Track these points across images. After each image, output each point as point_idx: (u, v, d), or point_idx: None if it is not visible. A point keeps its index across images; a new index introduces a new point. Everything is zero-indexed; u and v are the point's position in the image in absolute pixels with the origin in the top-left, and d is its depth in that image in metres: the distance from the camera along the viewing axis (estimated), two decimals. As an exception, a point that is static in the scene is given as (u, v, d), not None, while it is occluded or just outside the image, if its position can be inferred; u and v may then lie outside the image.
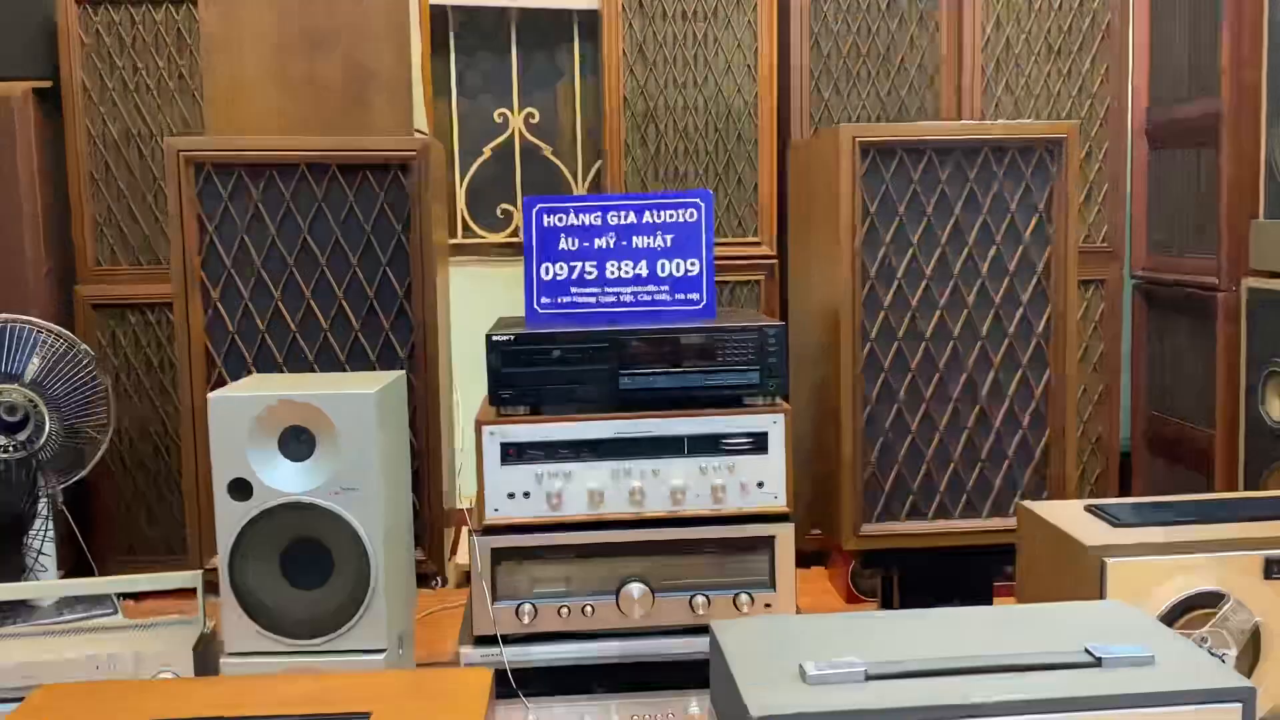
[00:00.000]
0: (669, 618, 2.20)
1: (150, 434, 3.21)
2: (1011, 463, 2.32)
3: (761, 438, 2.18)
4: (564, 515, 2.19)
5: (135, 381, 3.19)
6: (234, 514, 1.85)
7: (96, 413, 2.87)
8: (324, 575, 1.89)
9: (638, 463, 2.19)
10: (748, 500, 2.20)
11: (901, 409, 2.31)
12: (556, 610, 2.19)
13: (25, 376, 2.81)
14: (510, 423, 2.16)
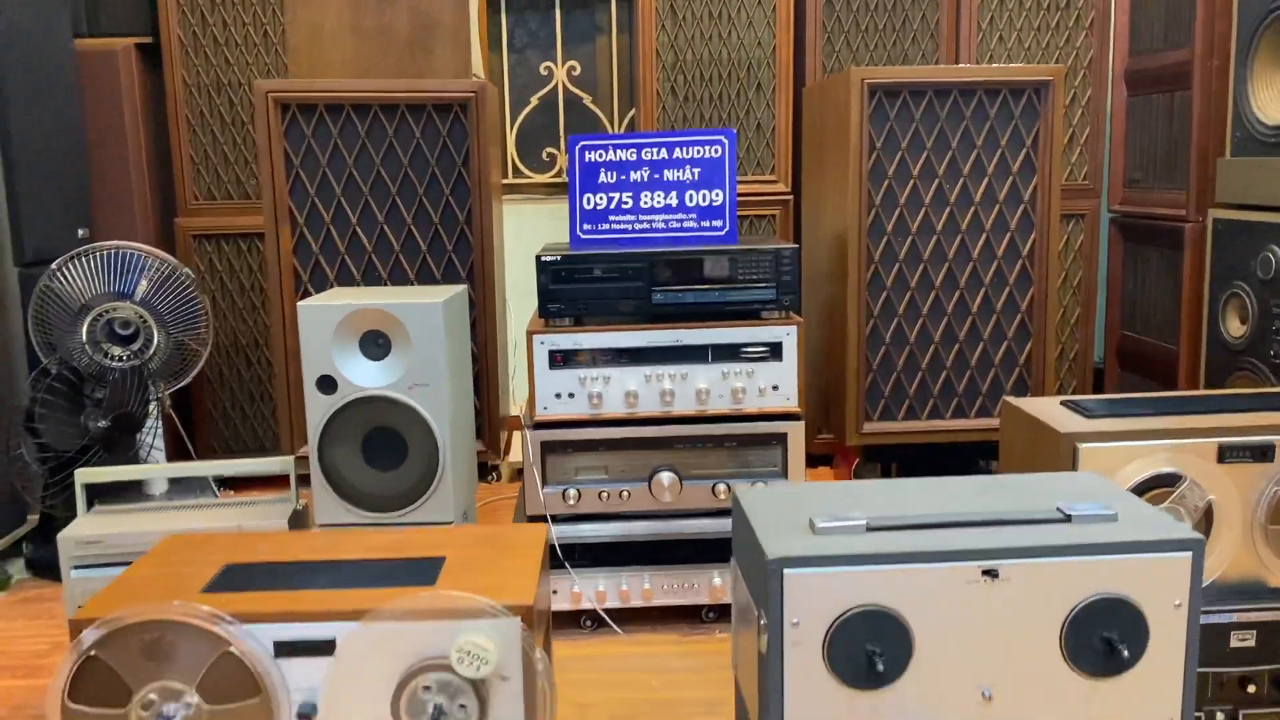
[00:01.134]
0: (694, 502, 2.25)
1: (243, 348, 3.27)
2: (998, 370, 2.34)
3: (777, 347, 2.21)
4: (603, 413, 2.23)
5: (229, 303, 3.24)
6: (321, 406, 1.90)
7: (197, 328, 2.93)
8: (399, 459, 1.94)
9: (667, 368, 2.22)
10: (764, 401, 2.23)
11: (901, 323, 2.32)
12: (597, 494, 2.24)
13: (135, 295, 2.87)
14: (557, 332, 2.20)
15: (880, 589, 1.06)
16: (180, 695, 1.04)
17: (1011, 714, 1.08)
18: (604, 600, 2.25)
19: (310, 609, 1.06)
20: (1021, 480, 1.28)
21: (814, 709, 1.07)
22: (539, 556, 1.18)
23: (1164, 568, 1.07)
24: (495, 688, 1.06)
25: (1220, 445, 1.59)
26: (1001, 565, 1.07)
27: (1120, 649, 1.06)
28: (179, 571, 1.16)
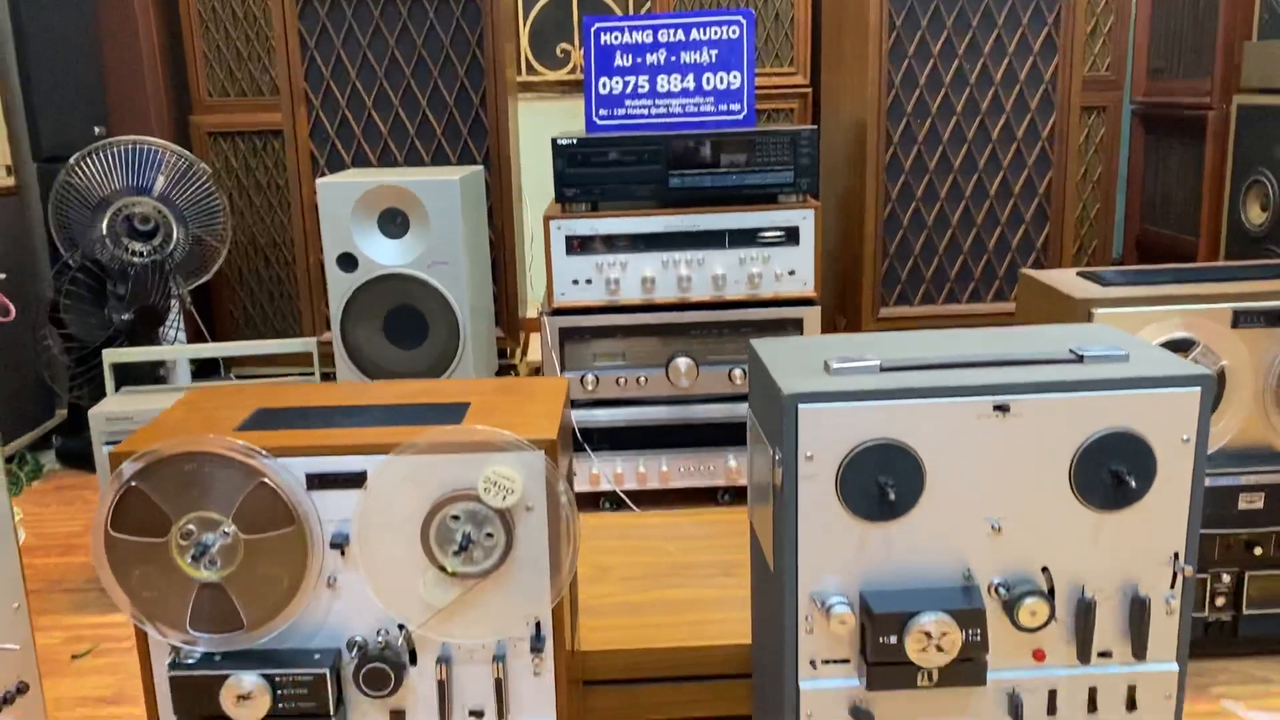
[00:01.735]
0: (711, 387, 2.28)
1: (261, 248, 3.30)
2: (1014, 254, 2.34)
3: (794, 231, 2.22)
4: (621, 300, 2.25)
5: (246, 201, 3.26)
6: (343, 284, 1.93)
7: (216, 224, 2.96)
8: (420, 337, 1.98)
9: (685, 253, 2.24)
10: (780, 286, 2.25)
11: (918, 206, 2.33)
12: (615, 380, 2.28)
13: (153, 191, 2.89)
14: (574, 218, 2.21)
15: (893, 423, 1.09)
16: (217, 525, 1.09)
17: (1020, 546, 1.12)
18: (622, 482, 2.31)
19: (341, 443, 1.10)
20: (1035, 330, 1.30)
21: (827, 542, 1.11)
22: (560, 402, 1.21)
23: (1173, 402, 1.09)
24: (521, 518, 1.11)
25: (1235, 311, 1.61)
26: (1013, 400, 1.09)
27: (1128, 481, 1.09)
28: (212, 415, 1.20)
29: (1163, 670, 1.15)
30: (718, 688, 1.51)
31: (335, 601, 1.12)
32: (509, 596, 1.12)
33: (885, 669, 1.11)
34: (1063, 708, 1.15)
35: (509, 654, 1.14)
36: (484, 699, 1.14)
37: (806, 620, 1.13)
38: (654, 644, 1.52)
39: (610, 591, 1.68)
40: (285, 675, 1.10)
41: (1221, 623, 1.71)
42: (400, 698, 1.14)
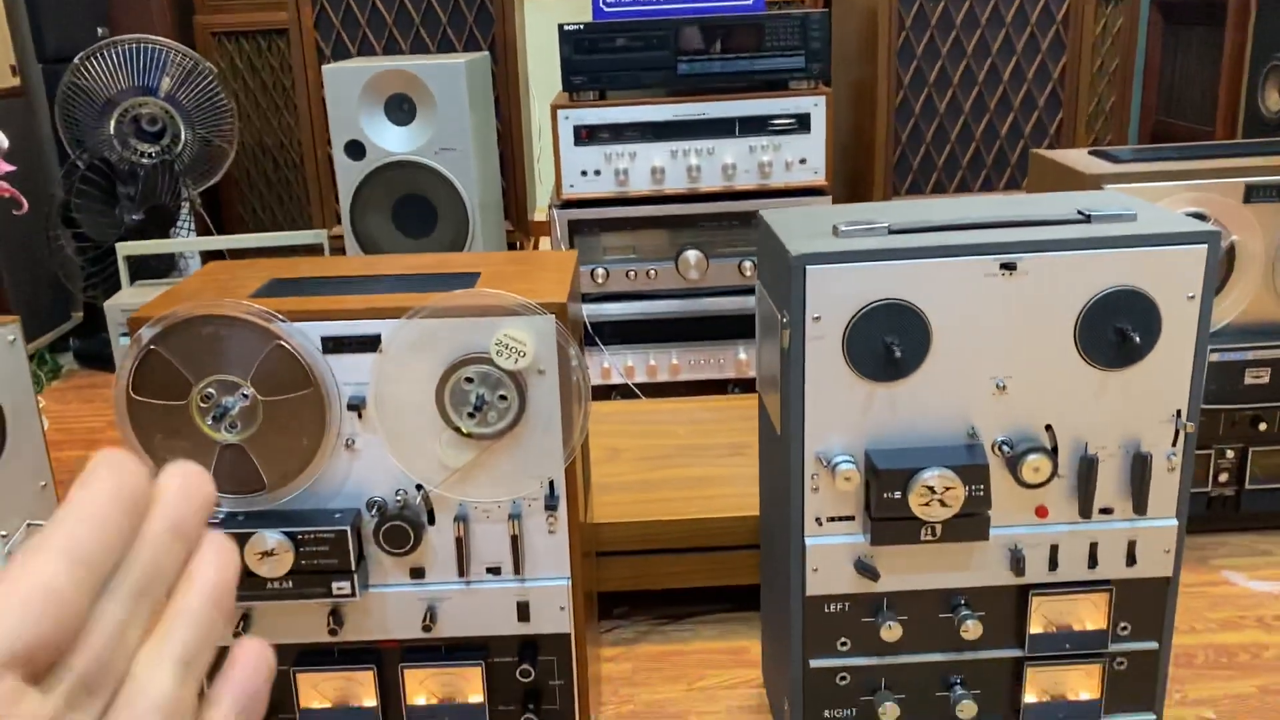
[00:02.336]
0: (721, 280, 2.29)
1: (269, 150, 3.29)
2: (1027, 141, 2.32)
3: (805, 118, 2.20)
4: (630, 191, 2.25)
5: (253, 102, 3.24)
6: (351, 173, 1.94)
7: (223, 125, 2.95)
8: (429, 226, 1.99)
9: (694, 143, 2.22)
10: (791, 176, 2.24)
11: (931, 93, 2.30)
12: (625, 273, 2.28)
13: (159, 92, 2.87)
14: (582, 106, 2.19)
15: (900, 283, 1.10)
16: (236, 388, 1.11)
17: (1024, 404, 1.14)
18: (633, 375, 2.33)
19: (355, 307, 1.12)
20: (1044, 195, 1.30)
21: (834, 402, 1.13)
22: (570, 271, 1.23)
23: (1179, 259, 1.10)
24: (533, 380, 1.13)
25: (1247, 185, 1.60)
26: (1019, 259, 1.10)
27: (1133, 338, 1.10)
28: (227, 284, 1.22)
29: (1163, 525, 1.18)
30: (726, 558, 1.55)
31: (354, 463, 1.15)
32: (523, 457, 1.15)
33: (889, 524, 1.14)
34: (1063, 562, 1.18)
35: (524, 513, 1.17)
36: (501, 556, 1.18)
37: (813, 479, 1.16)
38: (664, 516, 1.55)
39: (622, 470, 1.71)
40: (307, 533, 1.13)
41: (1224, 498, 1.74)
42: (419, 555, 1.18)
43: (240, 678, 0.33)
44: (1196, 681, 1.43)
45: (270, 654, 0.35)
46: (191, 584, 0.33)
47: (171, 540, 0.32)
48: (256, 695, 0.33)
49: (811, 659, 1.21)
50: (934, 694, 1.23)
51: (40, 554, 0.29)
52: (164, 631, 0.31)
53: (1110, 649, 1.21)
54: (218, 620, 0.33)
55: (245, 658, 0.34)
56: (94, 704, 0.29)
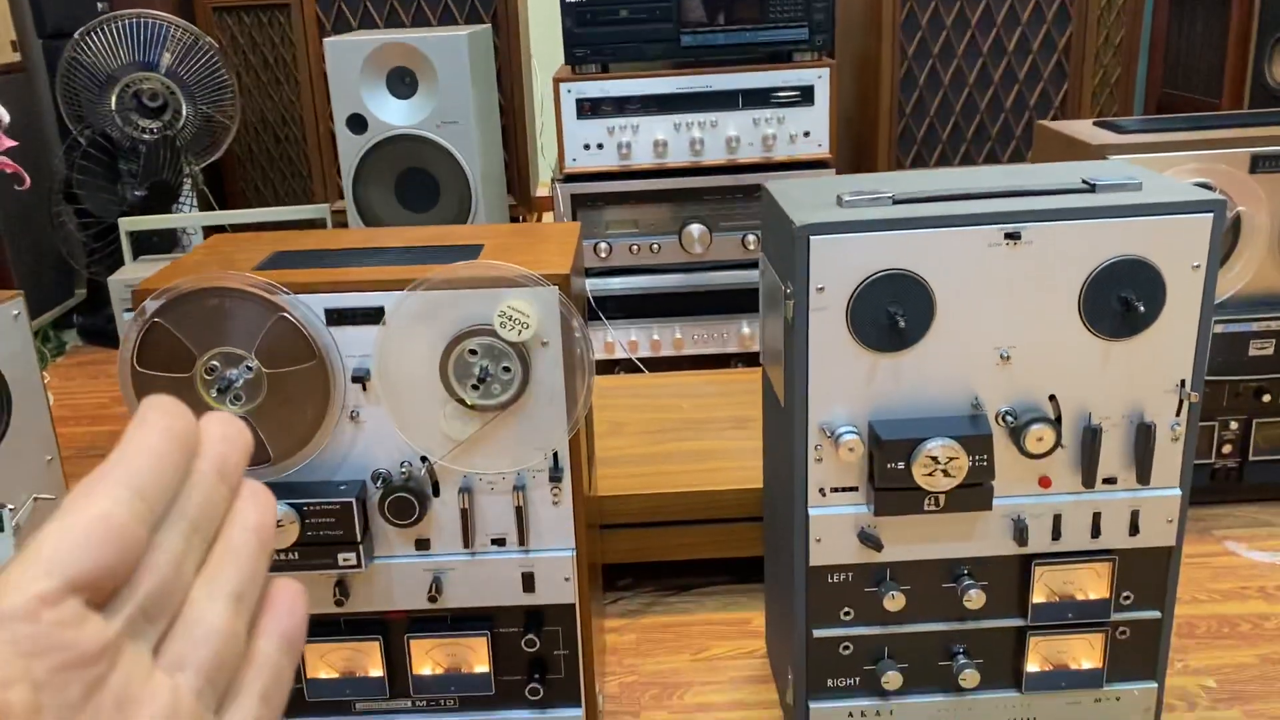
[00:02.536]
0: (724, 254, 2.28)
1: (271, 125, 3.27)
2: (1032, 113, 2.31)
3: (808, 90, 2.19)
4: (633, 164, 2.24)
5: (254, 78, 3.22)
6: (353, 147, 1.93)
7: (225, 100, 2.94)
8: (432, 200, 1.98)
9: (697, 116, 2.21)
10: (794, 149, 2.23)
11: (935, 64, 2.29)
12: (628, 248, 2.28)
13: (160, 67, 2.86)
14: (584, 79, 2.18)
15: (904, 253, 1.10)
16: (240, 360, 1.11)
17: (1028, 374, 1.14)
18: (636, 350, 2.33)
19: (358, 280, 1.12)
20: (1049, 165, 1.30)
21: (837, 373, 1.13)
22: (573, 243, 1.22)
23: (1184, 228, 1.10)
24: (536, 352, 1.13)
25: (1253, 155, 1.59)
26: (1024, 228, 1.10)
27: (1137, 308, 1.10)
28: (230, 257, 1.22)
29: (1166, 495, 1.18)
30: (729, 530, 1.56)
31: (359, 435, 1.15)
32: (527, 429, 1.15)
33: (892, 494, 1.14)
34: (1066, 532, 1.19)
35: (528, 485, 1.17)
36: (505, 527, 1.19)
37: (816, 450, 1.16)
38: (668, 489, 1.56)
39: (626, 444, 1.72)
40: (313, 505, 1.14)
41: (1228, 469, 1.74)
42: (424, 527, 1.18)
43: (281, 614, 0.35)
44: (1198, 651, 1.44)
45: (305, 593, 0.36)
46: (237, 523, 0.34)
47: (218, 481, 0.33)
48: (297, 630, 0.35)
49: (815, 629, 1.22)
50: (937, 663, 1.24)
51: (101, 486, 0.30)
52: (216, 567, 0.33)
53: (1113, 618, 1.21)
54: (262, 558, 0.34)
55: (283, 596, 0.35)
56: (153, 631, 0.30)
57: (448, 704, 1.25)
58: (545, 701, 1.25)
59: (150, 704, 0.29)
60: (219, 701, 0.32)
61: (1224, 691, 1.36)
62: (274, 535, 0.35)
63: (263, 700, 0.33)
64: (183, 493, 0.32)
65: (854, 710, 1.25)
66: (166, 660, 0.31)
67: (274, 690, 0.34)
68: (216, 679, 0.32)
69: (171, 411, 0.33)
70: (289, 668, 0.35)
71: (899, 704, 1.25)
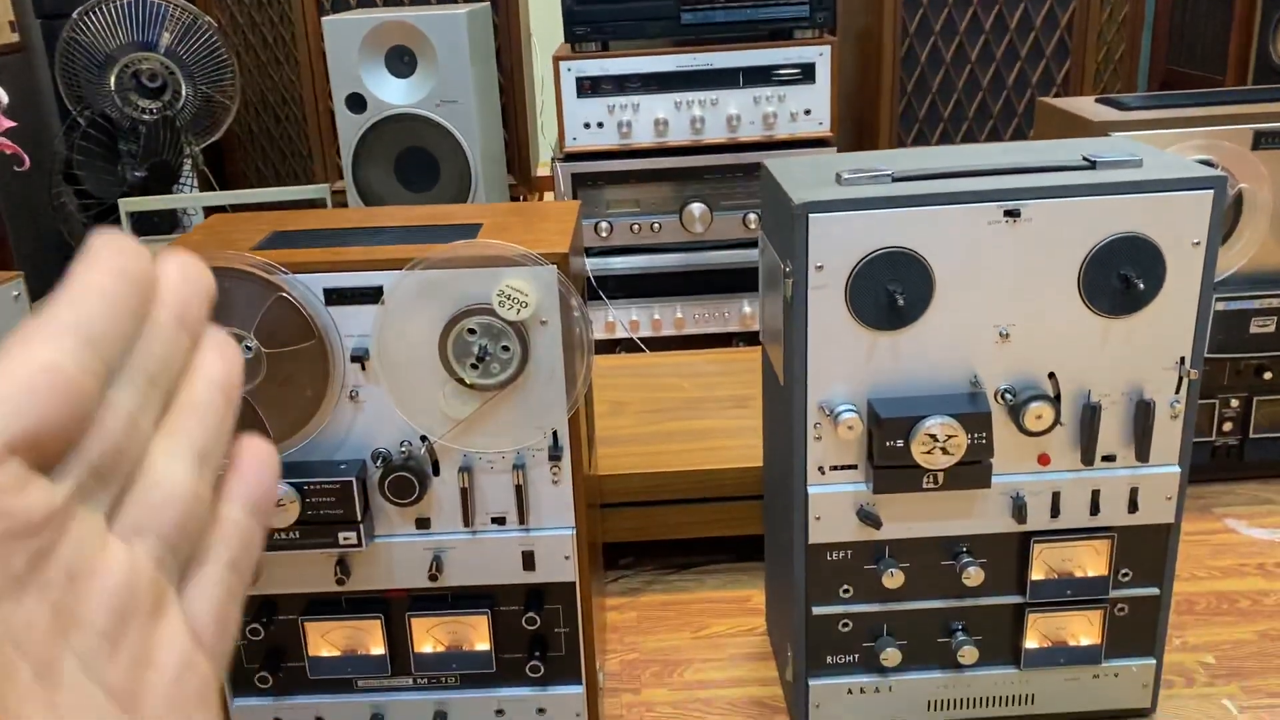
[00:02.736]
0: (725, 233, 2.28)
1: (271, 105, 3.26)
2: (1034, 90, 2.30)
3: (809, 68, 2.18)
4: (633, 143, 2.23)
5: (254, 57, 3.21)
6: (353, 126, 1.93)
7: (224, 80, 2.92)
8: (432, 180, 1.98)
9: (698, 94, 2.20)
10: (795, 127, 2.22)
11: (937, 42, 2.27)
12: (629, 227, 2.28)
13: (159, 47, 2.85)
14: (584, 58, 2.17)
15: (903, 231, 1.10)
16: (240, 340, 1.12)
17: (1027, 352, 1.14)
18: (637, 329, 2.33)
19: (357, 259, 1.12)
20: (1050, 142, 1.29)
21: (836, 351, 1.13)
22: (572, 222, 1.22)
23: (1185, 205, 1.09)
24: (535, 331, 1.13)
25: (1256, 132, 1.58)
26: (1023, 205, 1.09)
27: (1137, 285, 1.10)
28: (229, 237, 1.21)
29: (1165, 472, 1.18)
30: (730, 509, 1.56)
31: (358, 414, 1.15)
32: (526, 408, 1.15)
33: (891, 472, 1.14)
34: (1065, 510, 1.19)
35: (528, 463, 1.17)
36: (505, 506, 1.19)
37: (815, 428, 1.16)
38: (669, 468, 1.56)
39: (626, 424, 1.72)
40: (313, 484, 1.14)
41: (1228, 447, 1.74)
42: (425, 506, 1.18)
43: (249, 477, 0.32)
44: (1197, 627, 1.44)
45: (276, 455, 0.33)
46: (200, 376, 0.31)
47: (177, 328, 0.30)
48: (266, 492, 0.32)
49: (814, 606, 1.22)
50: (935, 640, 1.24)
51: (45, 333, 0.26)
52: (176, 423, 0.30)
53: (1111, 595, 1.22)
54: (227, 413, 0.31)
55: (252, 457, 0.32)
56: (106, 495, 0.27)
57: (449, 681, 1.26)
58: (546, 679, 1.26)
59: (105, 575, 0.27)
60: (182, 571, 0.29)
61: (1222, 668, 1.36)
62: (240, 391, 0.32)
63: (231, 569, 0.31)
64: (138, 342, 0.28)
65: (853, 687, 1.26)
66: (122, 526, 0.28)
67: (243, 558, 0.31)
68: (178, 546, 0.29)
69: (126, 250, 0.28)
70: (259, 534, 0.32)
71: (898, 680, 1.25)
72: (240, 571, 0.31)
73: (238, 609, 0.31)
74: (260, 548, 0.32)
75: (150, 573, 0.28)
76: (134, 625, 0.27)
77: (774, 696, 1.36)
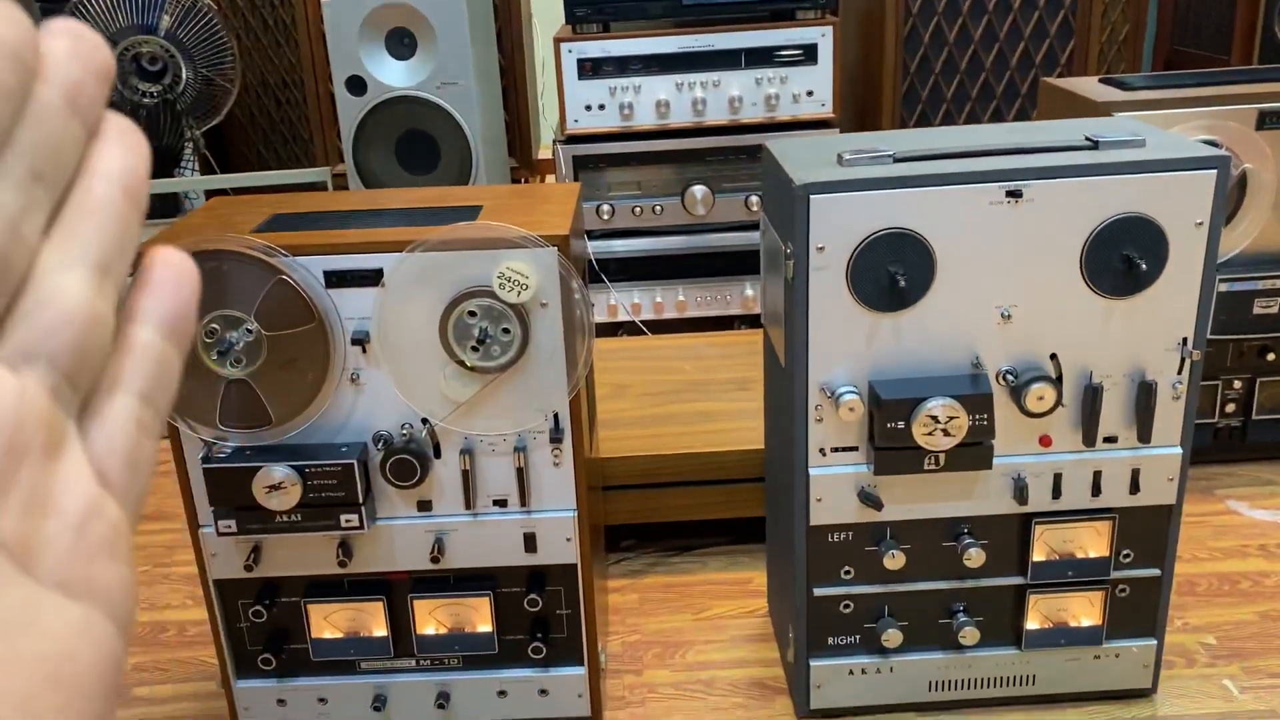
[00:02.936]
0: (727, 215, 2.27)
1: (272, 88, 3.25)
2: (1038, 70, 2.28)
3: (811, 49, 2.17)
4: (635, 125, 2.22)
5: (254, 40, 3.20)
6: (353, 109, 1.92)
7: (225, 64, 2.91)
8: (432, 163, 1.97)
9: (699, 75, 2.19)
10: (798, 109, 2.21)
11: (940, 22, 2.26)
12: (631, 210, 2.27)
13: (160, 29, 2.84)
14: (585, 39, 2.16)
15: (904, 212, 1.09)
16: (240, 323, 1.11)
17: (1029, 333, 1.13)
18: (639, 312, 2.32)
19: (357, 241, 1.12)
20: (1052, 122, 1.28)
21: (837, 333, 1.13)
22: (573, 204, 1.22)
23: (1188, 185, 1.09)
24: (536, 313, 1.12)
25: (1260, 111, 1.57)
26: (1025, 186, 1.09)
27: (1139, 266, 1.09)
28: (229, 220, 1.21)
29: (1167, 453, 1.18)
30: (731, 491, 1.56)
31: (359, 397, 1.15)
32: (527, 390, 1.15)
33: (892, 453, 1.14)
34: (1067, 491, 1.19)
35: (529, 446, 1.18)
36: (507, 488, 1.19)
37: (816, 410, 1.16)
38: (670, 450, 1.56)
39: (628, 407, 1.72)
40: (314, 467, 1.14)
41: (1231, 429, 1.74)
42: (426, 488, 1.19)
43: (164, 292, 0.27)
44: (1198, 608, 1.44)
45: (194, 268, 0.28)
46: (98, 172, 0.26)
47: (67, 115, 0.25)
48: (183, 310, 0.28)
49: (816, 587, 1.23)
50: (937, 621, 1.24)
51: None
52: (69, 229, 0.25)
53: (1112, 576, 1.22)
54: (132, 216, 0.27)
55: (165, 268, 0.28)
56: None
57: (451, 663, 1.26)
58: (548, 660, 1.26)
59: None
60: (83, 403, 0.25)
61: (1223, 648, 1.36)
62: (146, 184, 0.27)
63: (142, 400, 0.27)
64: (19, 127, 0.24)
65: (854, 668, 1.26)
66: (8, 352, 0.24)
67: (156, 388, 0.27)
68: (76, 374, 0.25)
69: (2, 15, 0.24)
70: (176, 359, 0.28)
71: (899, 661, 1.26)
72: (154, 403, 0.27)
73: (153, 445, 0.27)
74: (177, 375, 0.28)
75: (44, 405, 0.24)
76: (26, 466, 0.23)
77: (775, 677, 1.36)
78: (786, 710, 1.31)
